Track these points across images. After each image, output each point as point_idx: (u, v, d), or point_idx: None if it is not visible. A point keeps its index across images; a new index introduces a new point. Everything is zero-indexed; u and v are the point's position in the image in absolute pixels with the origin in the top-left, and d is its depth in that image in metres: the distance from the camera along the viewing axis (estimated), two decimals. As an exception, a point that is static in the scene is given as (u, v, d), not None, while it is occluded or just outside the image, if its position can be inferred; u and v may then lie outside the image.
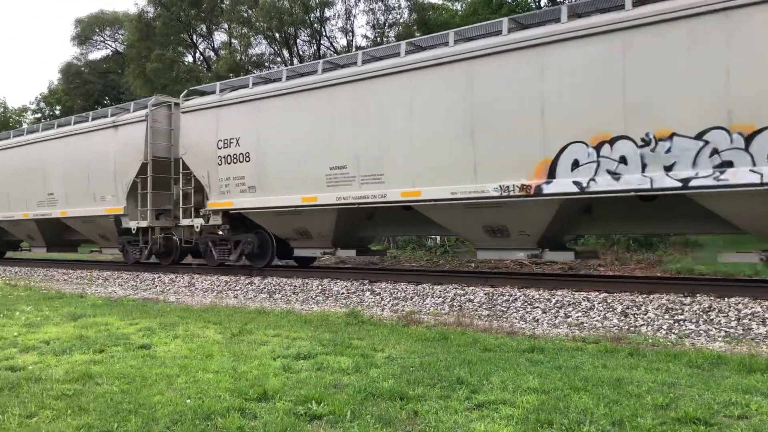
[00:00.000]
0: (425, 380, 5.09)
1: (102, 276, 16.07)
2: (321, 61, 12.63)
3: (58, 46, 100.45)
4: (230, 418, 4.21)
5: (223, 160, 13.64)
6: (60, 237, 19.48)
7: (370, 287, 11.22)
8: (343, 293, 11.22)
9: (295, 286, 12.10)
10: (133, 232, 15.87)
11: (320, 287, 11.73)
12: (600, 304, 8.68)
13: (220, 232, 14.48)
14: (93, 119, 17.24)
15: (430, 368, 5.48)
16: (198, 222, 14.56)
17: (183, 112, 14.68)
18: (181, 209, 14.96)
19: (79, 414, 4.38)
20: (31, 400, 4.71)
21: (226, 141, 13.60)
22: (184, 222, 14.94)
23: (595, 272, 14.91)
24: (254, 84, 13.47)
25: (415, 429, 4.07)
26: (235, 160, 13.43)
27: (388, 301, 10.39)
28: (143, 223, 15.52)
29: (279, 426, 4.03)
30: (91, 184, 16.75)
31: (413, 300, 10.23)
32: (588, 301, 8.87)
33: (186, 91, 15.15)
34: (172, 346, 6.77)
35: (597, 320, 8.27)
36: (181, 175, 14.82)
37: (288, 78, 12.77)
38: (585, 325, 8.18)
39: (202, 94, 14.74)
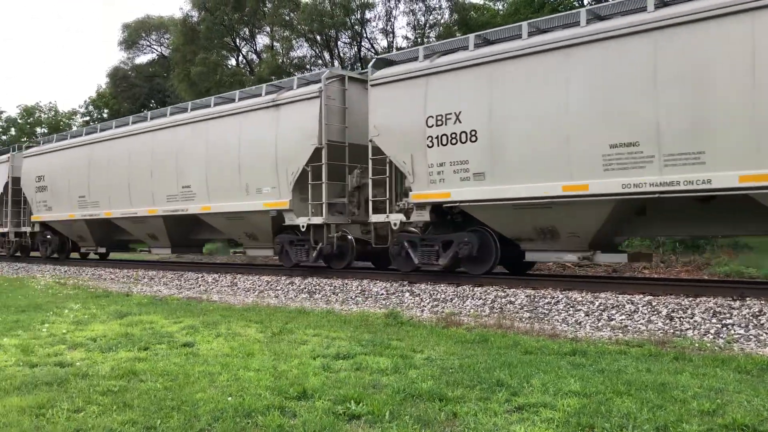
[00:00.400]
0: (465, 382, 5.06)
1: (147, 275, 16.41)
2: (583, 9, 9.93)
3: (107, 50, 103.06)
4: (270, 416, 4.25)
5: (434, 141, 11.07)
6: (188, 236, 17.40)
7: (409, 288, 11.21)
8: (382, 294, 11.24)
9: (335, 286, 12.16)
10: (302, 229, 13.39)
11: (359, 288, 11.76)
12: (644, 307, 8.51)
13: (413, 230, 12.00)
14: (241, 99, 14.96)
15: (470, 370, 5.45)
16: (396, 218, 12.00)
17: (373, 85, 12.15)
18: (370, 203, 12.49)
19: (123, 410, 4.47)
20: (79, 396, 4.83)
21: (439, 117, 11.00)
22: (376, 218, 12.41)
23: (639, 275, 14.63)
24: (476, 45, 10.94)
25: (454, 431, 4.04)
26: (453, 141, 10.84)
27: (428, 303, 10.36)
28: (316, 220, 13.16)
29: (318, 425, 4.06)
30: (243, 174, 14.23)
31: (453, 301, 10.19)
32: (632, 303, 8.70)
33: (374, 59, 13.02)
34: (215, 345, 6.87)
35: (641, 323, 8.11)
36: (370, 161, 12.33)
37: (530, 35, 10.23)
38: (629, 328, 8.03)
39: (390, 63, 12.48)
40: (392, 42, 31.90)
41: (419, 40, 29.87)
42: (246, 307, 10.41)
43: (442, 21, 30.54)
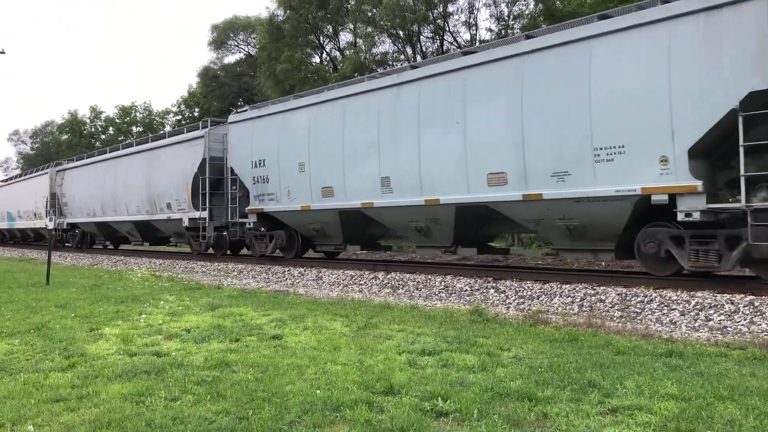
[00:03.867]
0: (554, 382, 4.93)
1: (237, 269, 16.92)
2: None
3: (198, 51, 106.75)
4: (358, 410, 4.28)
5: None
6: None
7: (494, 285, 11.06)
8: (466, 290, 11.14)
9: (418, 281, 12.15)
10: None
11: (443, 283, 11.71)
12: (746, 308, 8.06)
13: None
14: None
15: (560, 370, 5.31)
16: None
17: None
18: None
19: (217, 400, 4.62)
20: (175, 384, 5.02)
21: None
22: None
23: (738, 273, 13.87)
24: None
25: (545, 432, 3.95)
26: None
27: (513, 300, 10.19)
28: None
29: (406, 421, 4.05)
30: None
31: (540, 299, 9.98)
32: (732, 303, 8.26)
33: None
34: (302, 338, 6.99)
35: (742, 324, 7.68)
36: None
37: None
38: (728, 329, 7.62)
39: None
40: (475, 35, 31.57)
41: (503, 32, 29.40)
42: (331, 300, 10.55)
43: (527, 12, 29.95)
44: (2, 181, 42.86)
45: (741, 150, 8.32)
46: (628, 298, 9.17)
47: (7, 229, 37.86)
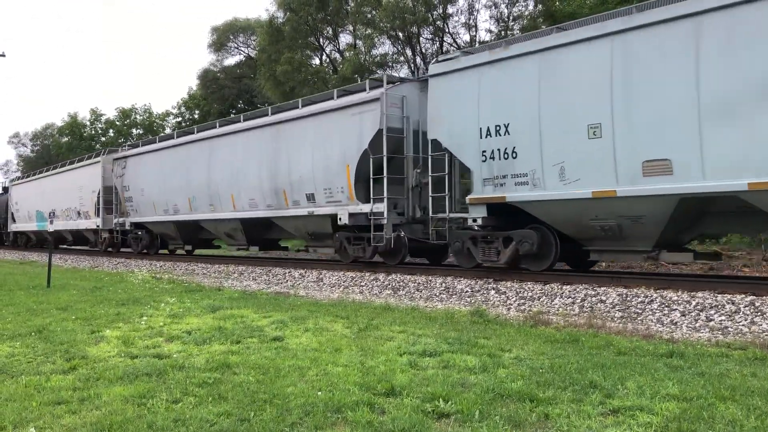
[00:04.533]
0: (556, 383, 4.93)
1: (237, 270, 16.92)
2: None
3: (198, 53, 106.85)
4: (360, 411, 4.28)
5: None
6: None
7: (494, 286, 11.06)
8: (467, 291, 11.14)
9: (419, 283, 12.16)
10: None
11: (444, 285, 11.71)
12: (747, 308, 8.06)
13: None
14: None
15: (561, 371, 5.31)
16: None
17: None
18: None
19: (219, 402, 4.62)
20: (176, 387, 5.02)
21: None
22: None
23: (739, 273, 13.88)
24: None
25: (546, 432, 3.95)
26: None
27: (514, 301, 10.19)
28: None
29: (407, 422, 4.05)
30: None
31: (541, 300, 9.98)
32: (732, 304, 8.26)
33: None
34: (303, 339, 7.00)
35: (743, 325, 7.68)
36: None
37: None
38: (729, 329, 7.62)
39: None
40: (475, 36, 31.58)
41: (503, 33, 29.42)
42: (332, 302, 10.55)
43: (526, 13, 29.95)
44: (25, 176, 38.52)
45: None
46: (628, 298, 9.17)
47: (34, 231, 32.33)
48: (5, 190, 40.69)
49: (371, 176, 13.45)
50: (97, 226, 25.24)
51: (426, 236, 13.20)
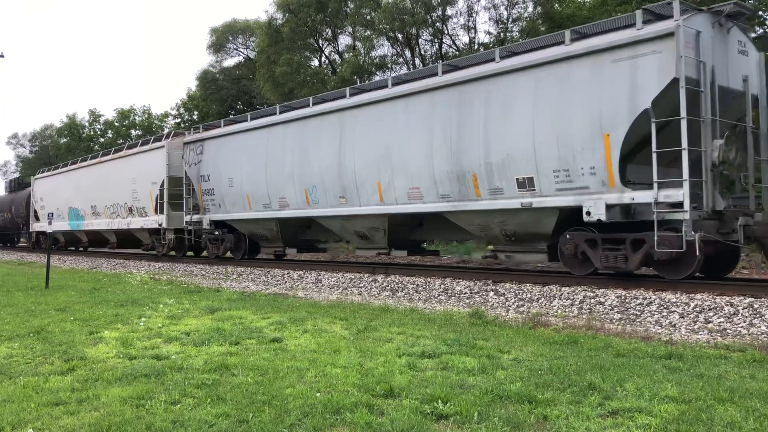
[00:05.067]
0: (555, 384, 4.93)
1: (236, 272, 16.91)
2: None
3: (197, 55, 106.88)
4: (358, 413, 4.28)
5: None
6: None
7: (493, 287, 11.06)
8: (465, 293, 11.14)
9: (418, 284, 12.15)
10: None
11: (443, 286, 11.71)
12: (745, 310, 8.06)
13: None
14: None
15: (560, 372, 5.31)
16: None
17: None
18: None
19: (217, 403, 4.61)
20: (175, 388, 5.01)
21: None
22: None
23: (738, 275, 13.88)
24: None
25: (545, 434, 3.95)
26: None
27: (513, 302, 10.19)
28: None
29: (406, 424, 4.05)
30: None
31: (539, 301, 9.98)
32: (731, 306, 8.27)
33: None
34: (302, 341, 6.99)
35: (742, 327, 7.68)
36: None
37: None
38: (728, 331, 7.62)
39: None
40: (474, 38, 31.59)
41: (502, 35, 29.44)
42: (331, 303, 10.55)
43: (525, 15, 29.98)
44: (53, 168, 31.87)
45: None
46: (627, 300, 9.17)
47: (66, 232, 28.20)
48: (19, 185, 37.20)
49: (654, 149, 9.29)
50: (160, 225, 20.54)
51: (725, 236, 9.61)
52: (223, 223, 18.64)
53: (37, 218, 31.01)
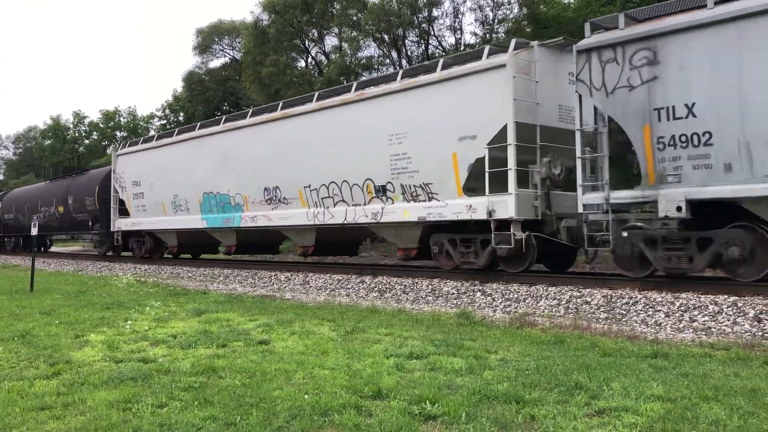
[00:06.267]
0: (542, 384, 4.96)
1: (223, 274, 16.84)
2: None
3: (183, 56, 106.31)
4: (346, 414, 4.28)
5: None
6: None
7: (480, 288, 11.09)
8: (453, 293, 11.16)
9: (405, 285, 12.16)
10: None
11: (430, 287, 11.73)
12: (729, 308, 8.14)
13: None
14: None
15: (547, 372, 5.34)
16: None
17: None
18: None
19: (204, 406, 4.60)
20: (162, 391, 4.99)
21: None
22: None
23: (722, 274, 14.00)
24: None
25: (533, 434, 3.97)
26: None
27: (500, 302, 10.23)
28: None
29: (394, 425, 4.05)
30: None
31: (526, 301, 10.02)
32: (716, 304, 8.34)
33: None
34: (290, 342, 6.98)
35: (726, 325, 7.76)
36: None
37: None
38: (713, 330, 7.70)
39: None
40: (460, 39, 31.68)
41: (488, 36, 29.54)
42: (318, 305, 10.54)
43: (511, 16, 30.11)
44: (164, 133, 22.36)
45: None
46: (613, 299, 9.23)
47: (197, 231, 18.67)
48: (73, 170, 27.14)
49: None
50: (489, 212, 10.97)
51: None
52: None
53: (122, 212, 21.95)
